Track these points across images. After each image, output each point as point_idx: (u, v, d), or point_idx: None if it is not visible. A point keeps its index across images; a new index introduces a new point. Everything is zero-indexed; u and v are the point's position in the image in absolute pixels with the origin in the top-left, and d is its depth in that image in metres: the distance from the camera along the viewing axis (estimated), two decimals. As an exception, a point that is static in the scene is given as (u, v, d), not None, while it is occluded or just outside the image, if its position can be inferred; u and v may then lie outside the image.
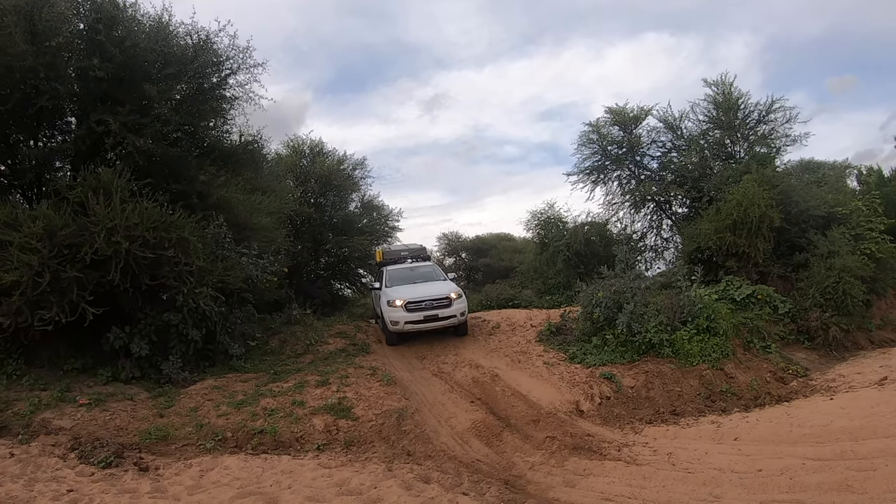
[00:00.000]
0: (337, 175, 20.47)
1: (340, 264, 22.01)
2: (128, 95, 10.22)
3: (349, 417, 8.60)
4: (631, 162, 20.18)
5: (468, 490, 6.26)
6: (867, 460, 5.92)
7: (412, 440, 8.25)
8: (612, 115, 19.80)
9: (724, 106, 18.82)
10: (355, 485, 6.15)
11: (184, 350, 10.19)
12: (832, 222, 15.65)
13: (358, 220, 21.69)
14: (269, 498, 5.73)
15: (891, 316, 16.58)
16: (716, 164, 18.94)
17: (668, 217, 20.55)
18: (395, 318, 13.17)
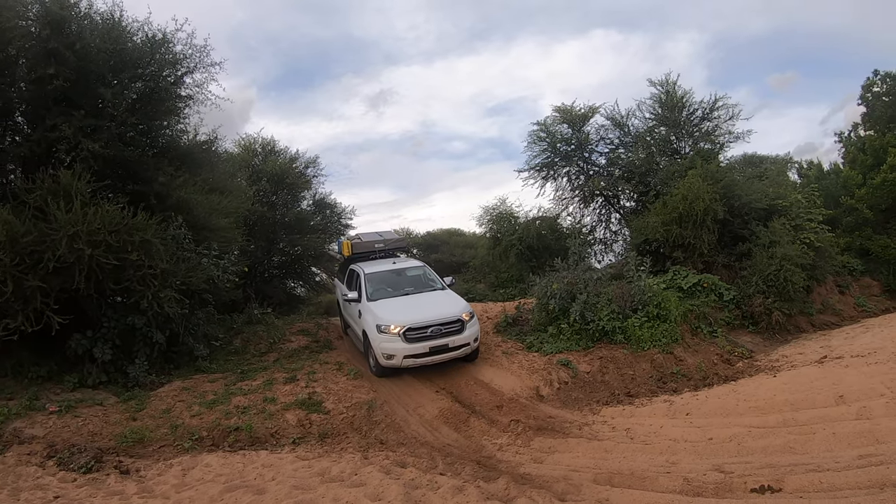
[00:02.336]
0: (289, 173, 20.54)
1: (294, 263, 22.15)
2: (82, 97, 10.31)
3: (321, 411, 8.99)
4: (580, 158, 21.08)
5: (444, 471, 6.76)
6: (807, 426, 6.62)
7: (384, 429, 8.76)
8: (561, 113, 20.59)
9: (668, 104, 19.82)
10: (336, 473, 6.49)
11: (149, 353, 10.33)
12: (773, 214, 16.63)
13: (311, 218, 21.77)
14: (256, 489, 6.00)
15: (830, 301, 17.73)
16: (662, 159, 19.91)
17: (617, 211, 21.49)
18: (389, 351, 10.57)
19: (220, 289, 12.36)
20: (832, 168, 29.35)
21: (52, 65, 9.79)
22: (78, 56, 10.11)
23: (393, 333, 10.52)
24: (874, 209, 23.77)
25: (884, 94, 31.94)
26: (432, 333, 10.62)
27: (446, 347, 10.71)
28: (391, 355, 10.51)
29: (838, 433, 6.25)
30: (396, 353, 10.46)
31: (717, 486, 5.32)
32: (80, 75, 10.23)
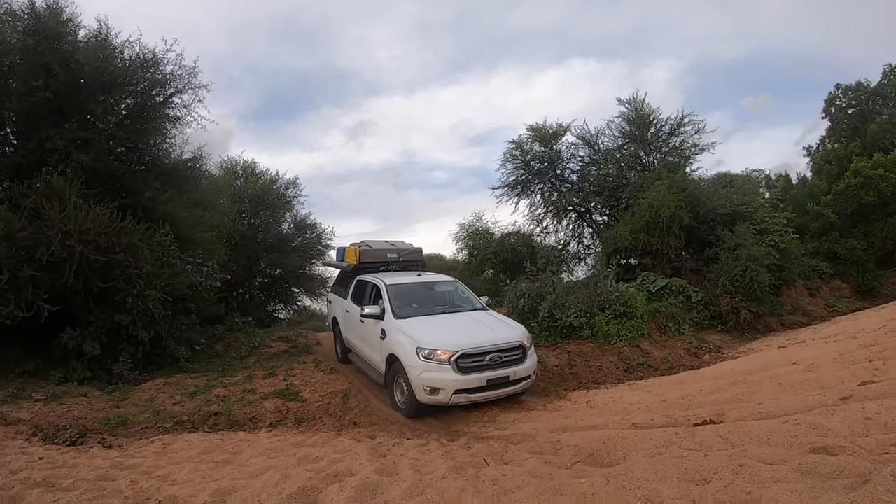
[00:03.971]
0: (270, 194, 21.01)
1: (275, 284, 22.51)
2: (74, 111, 11.00)
3: (298, 400, 9.52)
4: (552, 175, 21.96)
5: (411, 437, 7.32)
6: (755, 384, 7.15)
7: (358, 414, 9.32)
8: (534, 132, 21.52)
9: (636, 122, 20.77)
10: (309, 443, 7.05)
11: (133, 352, 10.83)
12: (738, 219, 17.50)
13: (291, 238, 22.15)
14: (231, 451, 6.58)
15: (801, 303, 18.58)
16: (631, 174, 20.78)
17: (590, 225, 22.34)
18: (434, 383, 8.50)
19: (203, 299, 12.89)
20: (800, 179, 30.64)
21: (44, 77, 10.44)
22: (70, 70, 10.77)
23: (441, 360, 8.55)
24: (840, 214, 24.88)
25: (846, 106, 33.41)
26: (491, 362, 8.76)
27: (506, 381, 8.86)
28: (436, 389, 8.48)
29: (784, 383, 6.73)
30: (444, 387, 8.44)
31: (663, 424, 5.86)
32: (71, 89, 10.91)
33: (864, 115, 32.58)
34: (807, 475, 3.39)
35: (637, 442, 4.98)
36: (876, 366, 6.47)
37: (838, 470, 3.39)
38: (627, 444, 5.00)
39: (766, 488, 3.21)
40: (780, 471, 3.50)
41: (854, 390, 5.46)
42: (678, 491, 3.40)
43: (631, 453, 4.73)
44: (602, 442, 5.20)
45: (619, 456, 4.80)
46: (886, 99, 32.52)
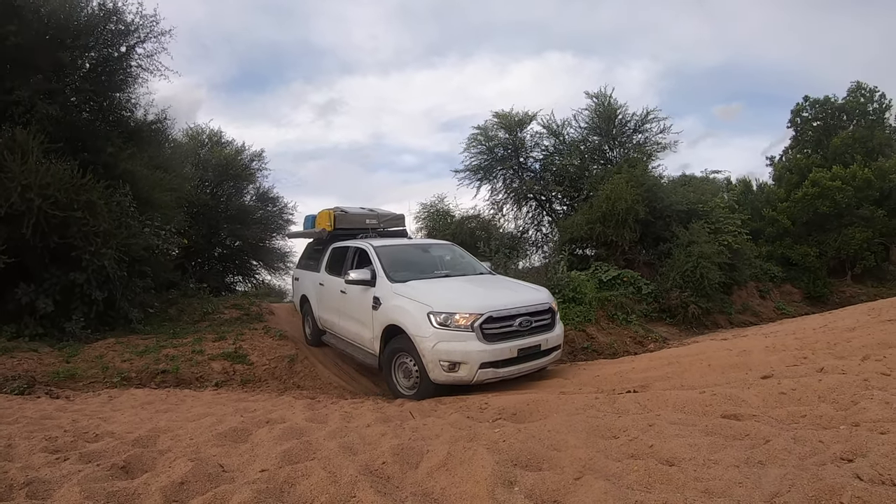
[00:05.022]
0: (234, 165, 20.99)
1: (234, 256, 22.57)
2: (39, 61, 11.03)
3: (245, 363, 9.76)
4: (515, 162, 22.35)
5: (349, 399, 7.71)
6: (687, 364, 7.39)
7: (302, 378, 9.63)
8: (500, 119, 21.87)
9: (603, 116, 21.21)
10: (251, 400, 7.37)
11: (86, 311, 10.90)
12: (693, 217, 18.10)
13: (253, 211, 22.14)
14: (173, 403, 6.89)
15: (751, 303, 19.30)
16: (593, 166, 21.30)
17: (549, 214, 22.80)
18: (454, 356, 6.96)
19: (160, 263, 13.06)
20: (759, 185, 31.67)
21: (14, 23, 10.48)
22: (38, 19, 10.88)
23: (460, 327, 7.01)
24: (795, 221, 25.93)
25: (812, 119, 34.59)
26: (521, 327, 7.42)
27: (538, 351, 7.60)
28: (457, 363, 6.96)
29: (714, 365, 6.98)
30: (468, 360, 6.93)
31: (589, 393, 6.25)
32: (38, 40, 10.97)
33: (828, 129, 33.74)
34: (711, 435, 3.70)
35: (559, 405, 5.25)
36: (805, 354, 6.75)
37: (743, 433, 3.69)
38: (550, 406, 5.24)
39: (667, 442, 3.53)
40: (687, 431, 3.81)
41: (775, 370, 5.81)
42: (584, 442, 3.72)
43: (552, 414, 4.98)
44: (526, 404, 5.43)
45: (541, 415, 5.04)
46: (850, 115, 33.74)
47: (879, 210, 27.25)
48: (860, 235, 26.50)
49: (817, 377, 4.96)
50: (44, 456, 3.84)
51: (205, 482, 3.24)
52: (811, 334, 9.21)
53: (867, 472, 2.68)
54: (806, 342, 7.89)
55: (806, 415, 4.02)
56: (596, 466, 3.26)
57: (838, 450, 3.08)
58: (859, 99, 33.65)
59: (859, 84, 34.11)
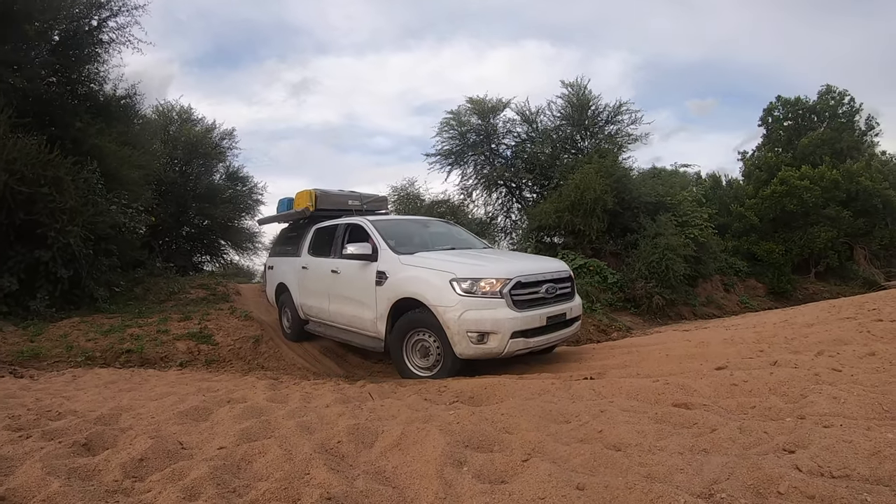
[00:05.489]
0: (204, 143, 20.93)
1: (202, 236, 22.54)
2: (8, 33, 10.92)
3: (210, 343, 9.76)
4: (486, 148, 22.63)
5: (312, 380, 7.76)
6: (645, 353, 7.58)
7: (267, 358, 9.67)
8: (473, 104, 22.04)
9: (576, 105, 21.47)
10: (215, 380, 7.39)
11: (51, 289, 10.87)
12: (661, 209, 18.44)
13: (222, 190, 22.03)
14: (137, 383, 6.95)
15: (715, 296, 19.76)
16: (564, 155, 21.55)
17: (518, 201, 23.04)
18: (483, 326, 6.45)
19: (126, 241, 12.96)
20: (728, 181, 32.33)
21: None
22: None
23: (488, 293, 6.56)
24: (762, 218, 26.60)
25: (783, 118, 35.46)
26: (547, 294, 7.07)
27: (564, 319, 7.27)
28: (486, 333, 6.44)
29: (671, 355, 7.08)
30: (499, 329, 6.43)
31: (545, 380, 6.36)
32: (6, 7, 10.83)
33: (798, 129, 34.66)
34: (660, 422, 3.81)
35: (516, 389, 5.33)
36: (761, 347, 6.89)
37: (691, 421, 3.78)
38: (507, 390, 5.31)
39: (616, 428, 3.64)
40: (636, 418, 3.91)
41: (730, 362, 5.92)
42: (536, 426, 3.83)
43: (508, 398, 5.05)
44: (484, 387, 5.51)
45: (497, 399, 5.11)
46: (821, 116, 34.62)
47: (845, 211, 28.14)
48: (825, 235, 27.29)
49: (770, 370, 5.09)
50: (6, 434, 3.90)
51: (164, 459, 3.34)
52: (770, 329, 9.39)
53: (806, 463, 2.78)
54: (764, 336, 8.03)
55: (755, 406, 4.14)
56: (545, 449, 3.36)
57: (781, 441, 3.18)
58: (829, 101, 34.64)
59: (829, 87, 34.98)
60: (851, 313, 10.74)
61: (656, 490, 2.49)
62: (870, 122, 36.30)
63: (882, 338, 6.63)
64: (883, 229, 30.75)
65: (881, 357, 5.33)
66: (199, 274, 19.19)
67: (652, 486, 2.53)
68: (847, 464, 2.72)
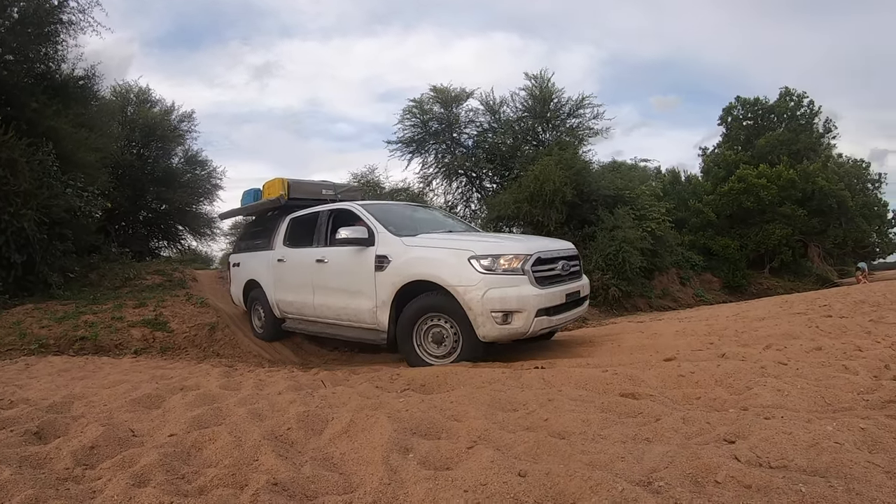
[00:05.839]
0: (162, 125, 20.60)
1: (159, 220, 22.20)
2: None
3: (165, 330, 9.72)
4: (448, 137, 22.75)
5: (266, 368, 7.87)
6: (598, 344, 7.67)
7: (222, 346, 9.67)
8: (437, 93, 22.10)
9: (539, 98, 21.71)
10: (169, 367, 7.45)
11: (4, 275, 10.74)
12: (619, 202, 18.82)
13: (181, 174, 21.79)
14: (91, 371, 6.94)
15: (671, 289, 20.22)
16: (526, 147, 21.78)
17: (478, 191, 23.25)
18: (508, 305, 6.12)
19: (82, 226, 12.79)
20: (687, 177, 33.14)
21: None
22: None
23: (509, 270, 6.28)
24: (720, 214, 27.37)
25: (742, 118, 36.41)
26: (563, 271, 6.94)
27: (578, 297, 7.14)
28: (511, 312, 6.15)
29: (623, 346, 7.24)
30: (524, 307, 6.16)
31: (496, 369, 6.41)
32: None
33: (757, 129, 35.62)
34: (605, 412, 3.86)
35: (468, 378, 5.35)
36: (711, 340, 7.01)
37: (637, 411, 3.83)
38: (458, 379, 5.34)
39: (561, 417, 3.69)
40: (583, 407, 3.97)
41: (680, 354, 6.04)
42: (483, 414, 3.88)
43: (459, 386, 5.10)
44: (436, 376, 5.54)
45: (448, 387, 5.15)
46: (780, 118, 35.64)
47: (801, 210, 29.13)
48: (780, 232, 28.21)
49: (717, 362, 5.16)
50: (-42, 423, 3.89)
51: (115, 446, 3.40)
52: (722, 322, 9.64)
53: (745, 453, 2.81)
54: (715, 329, 8.22)
55: (700, 397, 4.22)
56: (490, 437, 3.41)
57: (723, 431, 3.23)
58: (789, 103, 35.69)
59: (789, 89, 35.99)
60: (802, 309, 11.02)
61: (596, 477, 2.54)
62: (828, 125, 37.67)
63: (830, 333, 6.83)
64: (837, 228, 31.91)
65: (827, 352, 5.48)
66: (155, 259, 18.82)
67: (592, 474, 2.59)
68: (785, 455, 2.79)
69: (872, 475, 2.45)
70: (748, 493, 2.37)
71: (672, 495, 2.36)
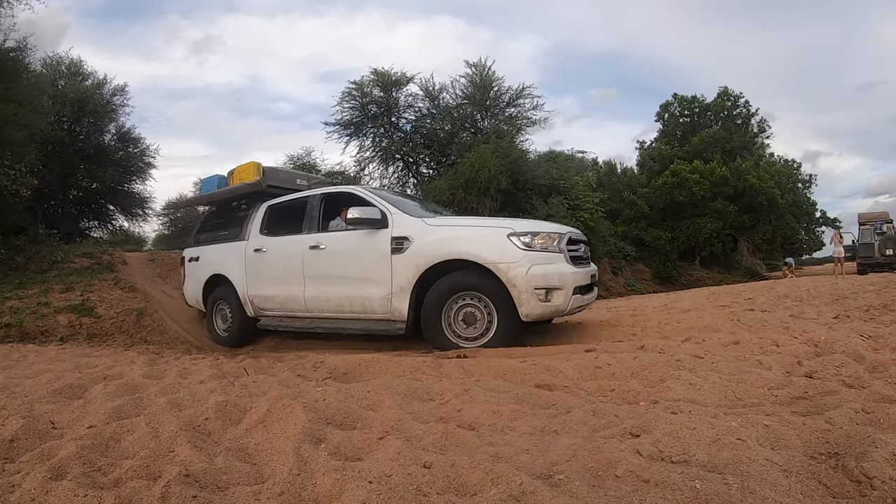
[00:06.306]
0: (94, 100, 19.93)
1: (90, 200, 21.67)
2: None
3: (92, 315, 9.64)
4: (386, 121, 22.66)
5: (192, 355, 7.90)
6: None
7: (150, 332, 9.64)
8: (377, 76, 21.97)
9: (479, 85, 21.86)
10: (95, 355, 7.39)
11: None
12: (554, 192, 19.22)
13: (113, 151, 21.15)
14: (15, 360, 6.89)
15: (603, 278, 20.84)
16: (463, 134, 21.98)
17: (415, 176, 23.34)
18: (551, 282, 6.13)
19: (8, 205, 12.57)
20: (623, 169, 34.12)
21: None
22: None
23: (547, 248, 6.30)
24: (653, 207, 28.28)
25: (679, 115, 37.61)
26: (584, 254, 7.12)
27: (595, 281, 7.27)
28: (553, 289, 6.16)
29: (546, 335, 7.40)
30: (564, 284, 6.19)
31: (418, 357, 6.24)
32: None
33: (693, 126, 36.89)
34: (519, 403, 3.87)
35: (390, 366, 5.40)
36: (634, 331, 7.14)
37: (550, 403, 3.86)
38: (380, 367, 5.41)
39: (474, 408, 3.71)
40: (497, 397, 3.99)
41: (600, 345, 6.03)
42: (399, 404, 3.92)
43: (380, 375, 5.16)
44: (358, 364, 5.58)
45: (370, 376, 5.20)
46: (716, 116, 36.96)
47: (732, 205, 30.53)
48: (711, 226, 29.44)
49: (635, 354, 5.18)
50: None
51: (34, 439, 3.42)
52: (649, 313, 10.04)
53: (647, 448, 2.81)
54: (639, 320, 8.35)
55: (615, 389, 4.24)
56: (403, 427, 3.44)
57: (630, 425, 3.21)
58: (726, 103, 37.14)
59: (727, 89, 37.30)
60: (728, 301, 11.44)
61: (497, 470, 2.56)
62: (762, 125, 39.41)
63: (750, 327, 7.04)
64: (766, 225, 33.47)
65: (744, 346, 5.59)
66: (85, 241, 18.52)
67: (494, 466, 2.60)
68: (687, 450, 2.79)
69: (769, 473, 2.49)
70: (645, 488, 2.40)
71: (570, 489, 2.39)
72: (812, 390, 3.87)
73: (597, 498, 2.28)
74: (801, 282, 19.29)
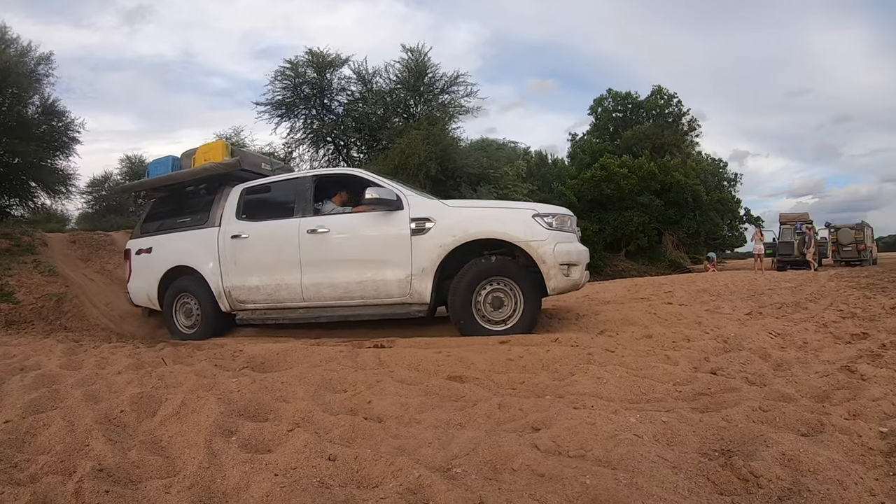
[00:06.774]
0: (17, 68, 18.81)
1: (10, 176, 20.46)
2: None
3: (10, 301, 9.36)
4: (318, 103, 22.54)
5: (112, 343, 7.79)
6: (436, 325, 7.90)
7: (70, 319, 9.42)
8: (312, 56, 21.86)
9: (414, 71, 21.94)
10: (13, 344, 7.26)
11: None
12: (483, 180, 19.59)
13: (36, 125, 20.05)
14: None
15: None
16: (395, 119, 22.14)
17: (346, 160, 23.21)
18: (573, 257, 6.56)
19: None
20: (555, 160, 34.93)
21: None
22: None
23: (563, 227, 6.73)
24: (581, 198, 29.09)
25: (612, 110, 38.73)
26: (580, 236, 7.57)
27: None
28: (572, 265, 6.54)
29: None
30: (581, 260, 6.67)
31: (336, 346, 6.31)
32: None
33: (625, 121, 38.04)
34: (429, 395, 3.97)
35: (307, 356, 5.49)
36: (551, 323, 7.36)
37: (459, 395, 3.94)
38: (298, 357, 5.50)
39: (384, 399, 3.81)
40: (408, 389, 4.09)
41: (513, 337, 6.09)
42: (312, 395, 3.99)
43: (298, 364, 5.23)
44: (277, 353, 5.65)
45: (287, 366, 5.25)
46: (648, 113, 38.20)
47: (658, 200, 31.73)
48: (638, 219, 30.53)
49: (548, 347, 5.24)
50: None
51: None
52: (570, 304, 10.19)
53: (545, 442, 2.89)
54: (557, 312, 8.46)
55: (524, 382, 4.30)
56: (313, 419, 3.49)
57: (532, 419, 3.30)
58: (658, 100, 38.39)
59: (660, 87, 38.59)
60: (648, 294, 11.81)
61: (398, 463, 2.65)
62: (693, 125, 40.96)
63: (665, 320, 7.18)
64: (691, 220, 34.92)
65: (656, 340, 5.76)
66: (5, 220, 17.91)
67: (396, 459, 2.69)
68: (584, 444, 2.86)
69: (659, 470, 2.52)
70: (539, 482, 2.47)
71: (465, 482, 2.47)
72: (715, 387, 4.01)
73: (490, 491, 2.36)
74: (721, 276, 20.00)
